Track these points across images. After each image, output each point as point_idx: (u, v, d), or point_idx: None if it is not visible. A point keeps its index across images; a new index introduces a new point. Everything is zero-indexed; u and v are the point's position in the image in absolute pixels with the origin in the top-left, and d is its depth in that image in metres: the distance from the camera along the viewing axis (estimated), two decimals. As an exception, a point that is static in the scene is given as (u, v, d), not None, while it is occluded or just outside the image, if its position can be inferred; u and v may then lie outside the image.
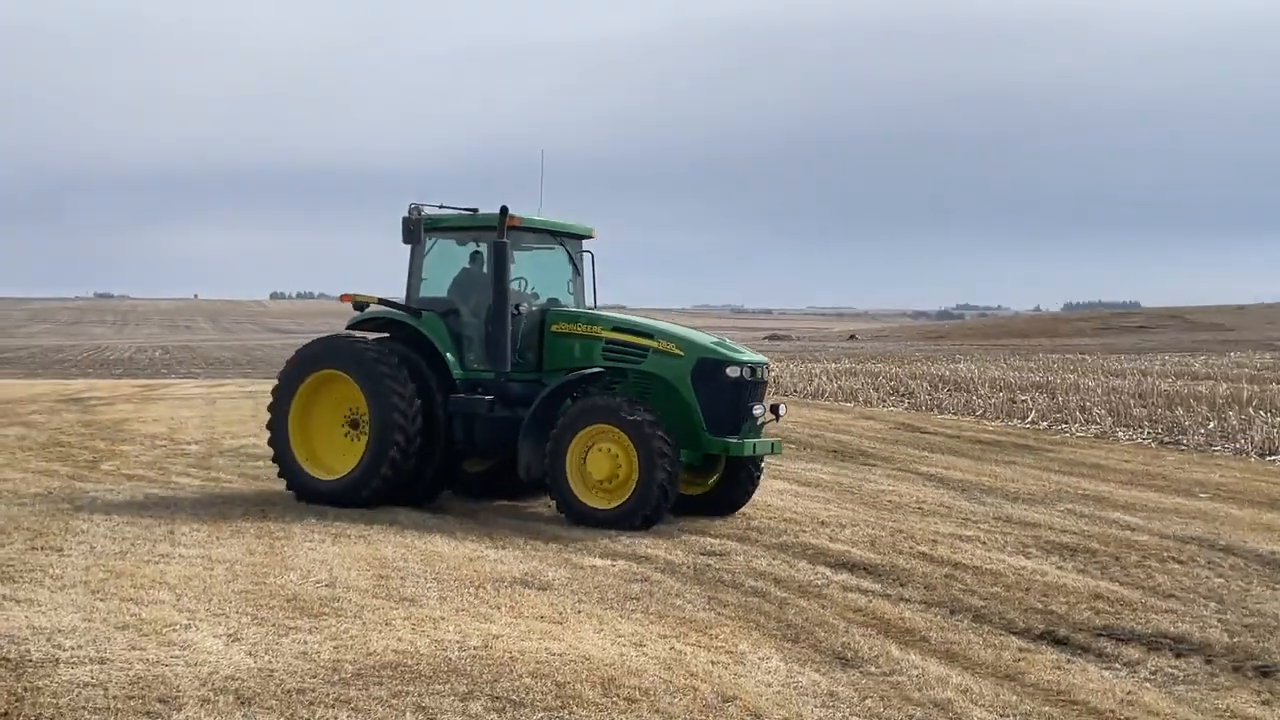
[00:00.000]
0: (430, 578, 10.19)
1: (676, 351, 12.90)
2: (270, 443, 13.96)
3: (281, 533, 12.16)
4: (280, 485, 15.73)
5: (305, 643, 7.99)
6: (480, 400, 13.19)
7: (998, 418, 26.38)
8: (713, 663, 8.00)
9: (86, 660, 7.51)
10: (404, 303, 13.91)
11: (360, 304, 13.93)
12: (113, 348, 74.32)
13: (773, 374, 39.55)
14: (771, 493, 15.32)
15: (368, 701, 6.87)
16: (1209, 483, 16.52)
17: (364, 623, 8.55)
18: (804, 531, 12.69)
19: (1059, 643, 8.78)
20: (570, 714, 6.77)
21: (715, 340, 13.30)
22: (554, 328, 13.62)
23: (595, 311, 14.01)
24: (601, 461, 12.40)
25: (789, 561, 11.34)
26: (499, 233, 13.08)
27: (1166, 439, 21.83)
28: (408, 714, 6.69)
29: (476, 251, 13.99)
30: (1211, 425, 23.39)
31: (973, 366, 43.82)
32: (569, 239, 14.34)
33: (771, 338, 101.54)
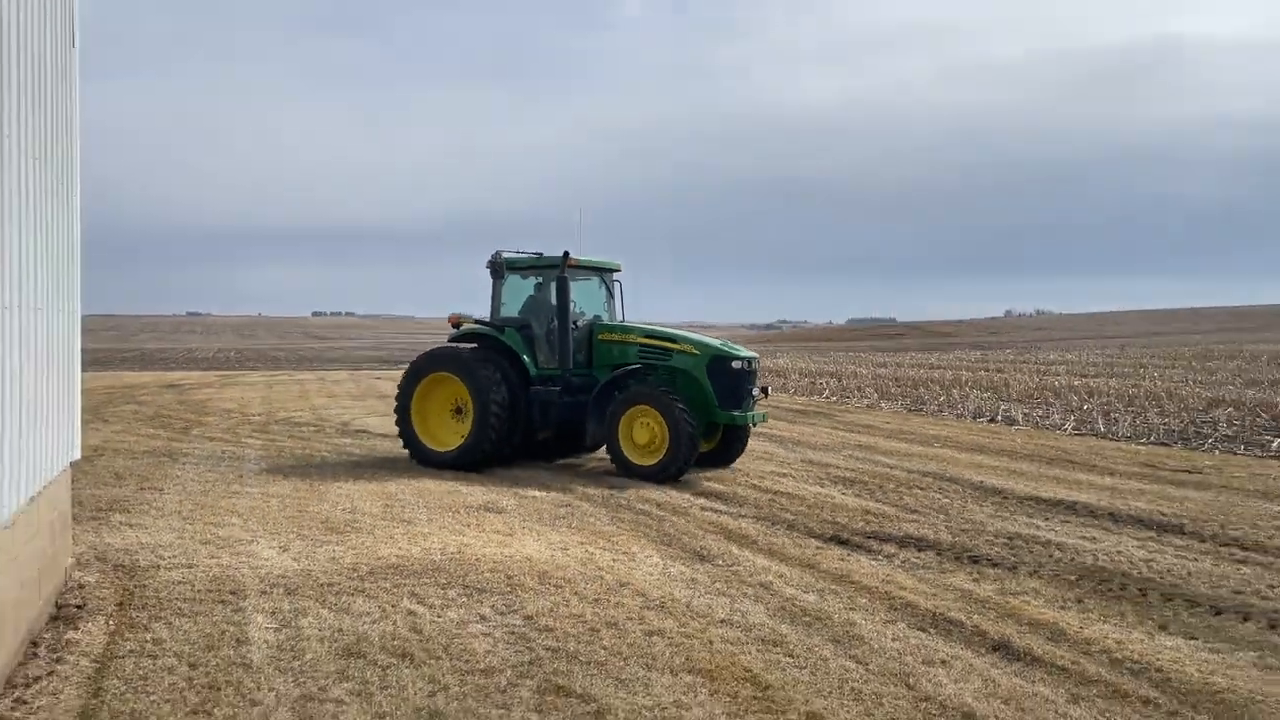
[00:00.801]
0: (422, 506, 10.02)
1: (694, 351, 12.55)
2: (398, 426, 13.21)
3: (318, 475, 11.88)
4: (316, 441, 15.37)
5: (333, 552, 7.83)
6: (553, 390, 12.79)
7: (805, 394, 26.59)
8: (614, 560, 7.96)
9: (178, 565, 7.29)
10: (490, 321, 13.45)
11: (458, 322, 13.59)
12: (200, 349, 72.12)
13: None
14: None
15: (376, 590, 6.75)
16: (940, 436, 16.79)
17: (375, 537, 8.38)
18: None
19: (842, 543, 8.86)
20: (516, 596, 6.71)
21: (720, 342, 12.96)
22: (600, 336, 13.20)
23: (628, 324, 13.53)
24: (643, 432, 12.08)
25: (666, 492, 11.32)
26: (561, 270, 12.87)
27: (913, 408, 22.15)
28: (404, 598, 6.59)
29: (540, 282, 13.53)
30: (941, 398, 23.81)
31: (788, 361, 44.27)
32: (605, 272, 13.91)
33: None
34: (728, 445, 13.07)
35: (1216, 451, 14.47)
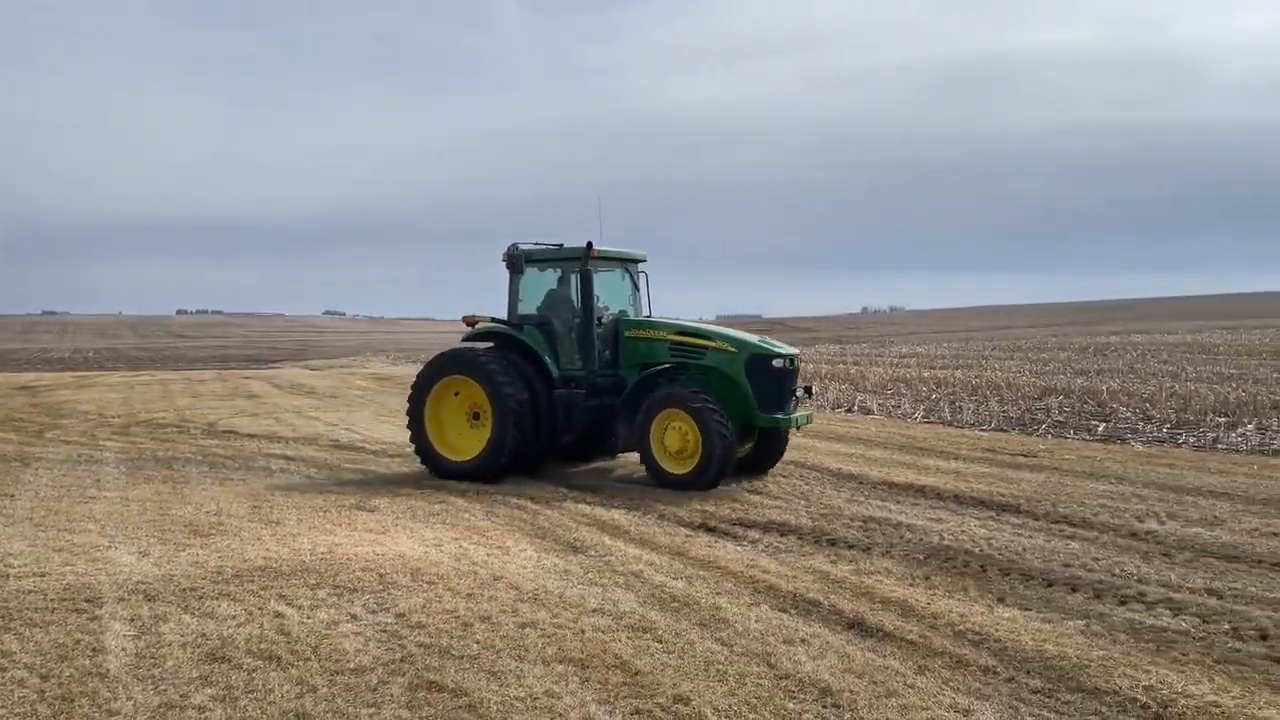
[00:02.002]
0: (291, 506, 9.69)
1: (730, 349, 11.25)
2: (411, 434, 11.98)
3: (181, 479, 11.36)
4: (180, 443, 14.68)
5: (197, 555, 7.48)
6: (577, 394, 11.54)
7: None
8: (488, 554, 7.88)
9: (30, 574, 6.84)
10: (506, 319, 12.13)
11: (473, 322, 12.30)
12: (55, 349, 67.69)
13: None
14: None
15: (242, 593, 6.49)
16: (804, 428, 17.21)
17: (241, 539, 8.06)
18: (548, 468, 12.64)
19: (710, 530, 9.00)
20: (388, 594, 6.57)
21: (758, 338, 11.66)
22: (626, 333, 11.86)
23: (657, 319, 12.18)
24: (675, 437, 10.87)
25: (540, 486, 11.26)
26: (584, 262, 11.57)
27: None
28: (272, 600, 6.36)
29: (561, 276, 12.17)
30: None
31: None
32: (630, 263, 12.51)
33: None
34: (764, 449, 11.83)
35: (1049, 436, 15.33)
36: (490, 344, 12.06)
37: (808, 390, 12.06)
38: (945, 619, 6.29)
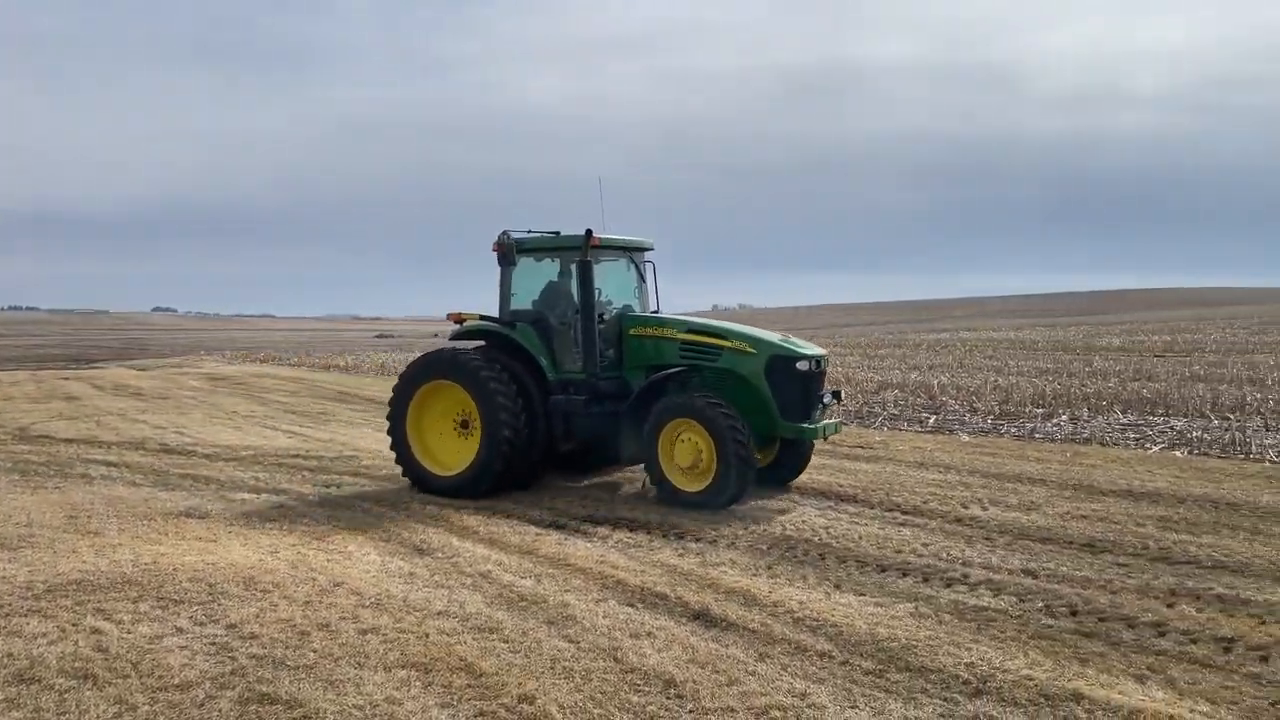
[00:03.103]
0: (112, 515, 9.10)
1: (749, 350, 10.03)
2: (392, 444, 10.92)
3: (-13, 488, 10.49)
4: (-12, 452, 13.60)
5: (4, 570, 6.94)
6: (577, 400, 10.38)
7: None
8: (328, 560, 7.63)
9: None
10: (498, 316, 10.95)
11: (460, 319, 11.07)
12: None
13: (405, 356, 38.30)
14: (375, 441, 14.79)
15: (55, 609, 6.06)
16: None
17: (55, 551, 7.53)
18: (397, 466, 12.33)
19: (560, 528, 8.99)
20: (219, 604, 6.27)
21: (781, 338, 10.40)
22: (631, 331, 10.66)
23: (666, 316, 10.96)
24: (686, 450, 9.69)
25: (385, 487, 10.98)
26: (583, 252, 10.36)
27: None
28: (89, 616, 5.96)
29: (559, 268, 11.00)
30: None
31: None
32: (635, 252, 11.31)
33: (380, 336, 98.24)
34: (785, 460, 10.74)
35: (885, 429, 16.08)
36: (480, 344, 11.04)
37: (836, 395, 10.79)
38: (786, 607, 6.49)
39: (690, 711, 4.87)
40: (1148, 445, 13.52)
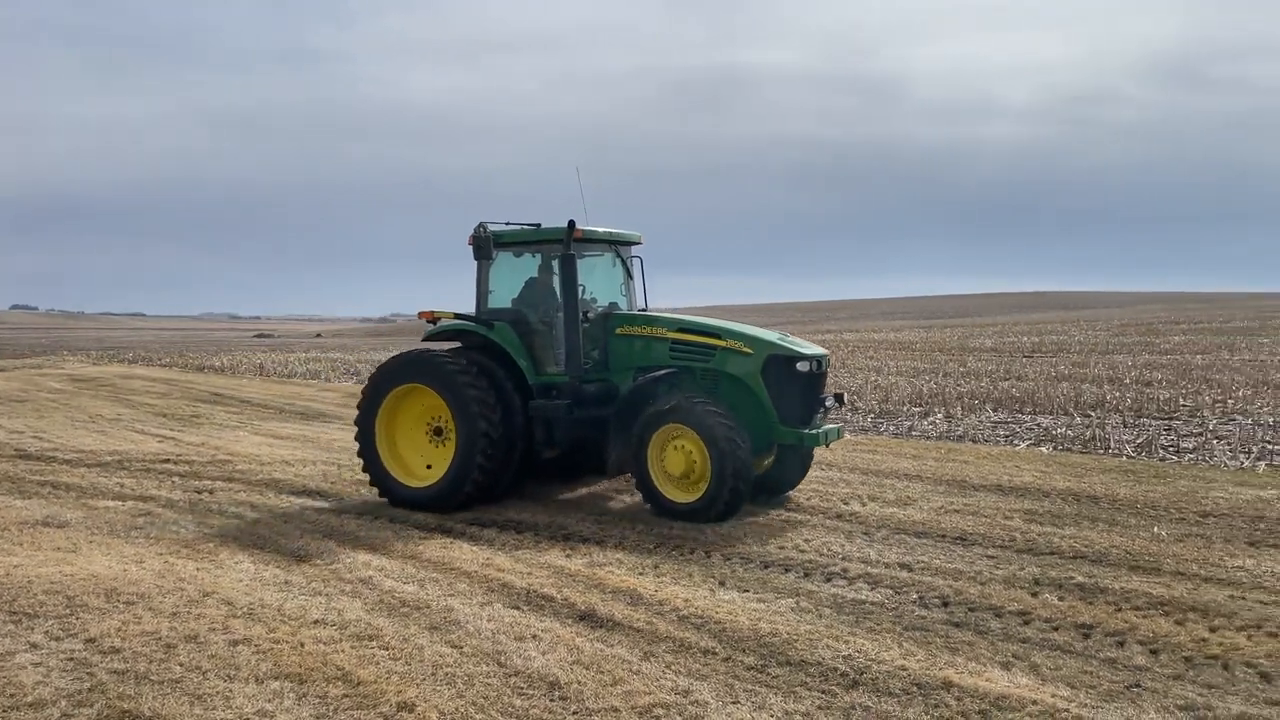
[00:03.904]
0: (-41, 526, 8.53)
1: (744, 350, 9.36)
2: (359, 453, 10.13)
3: None
4: None
5: None
6: (560, 404, 9.63)
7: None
8: (198, 569, 7.32)
9: None
10: (474, 315, 10.18)
11: (433, 318, 10.22)
12: None
13: (315, 358, 37.03)
14: (252, 445, 14.32)
15: (-110, 630, 5.63)
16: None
17: (-108, 567, 6.99)
18: (275, 471, 11.94)
19: (446, 532, 8.84)
20: (77, 618, 5.94)
21: (779, 336, 9.76)
22: (618, 330, 9.97)
23: (655, 314, 10.28)
24: (677, 458, 9.04)
25: (261, 493, 10.60)
26: (565, 245, 9.64)
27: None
28: (-72, 635, 5.56)
29: (540, 262, 10.29)
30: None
31: (400, 354, 43.45)
32: (621, 245, 10.55)
33: (259, 335, 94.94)
34: (785, 468, 9.99)
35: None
36: (455, 344, 10.38)
37: (839, 398, 10.25)
38: (671, 605, 6.53)
39: (574, 713, 4.84)
40: (1016, 442, 14.15)
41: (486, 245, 9.85)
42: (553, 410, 9.71)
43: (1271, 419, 15.29)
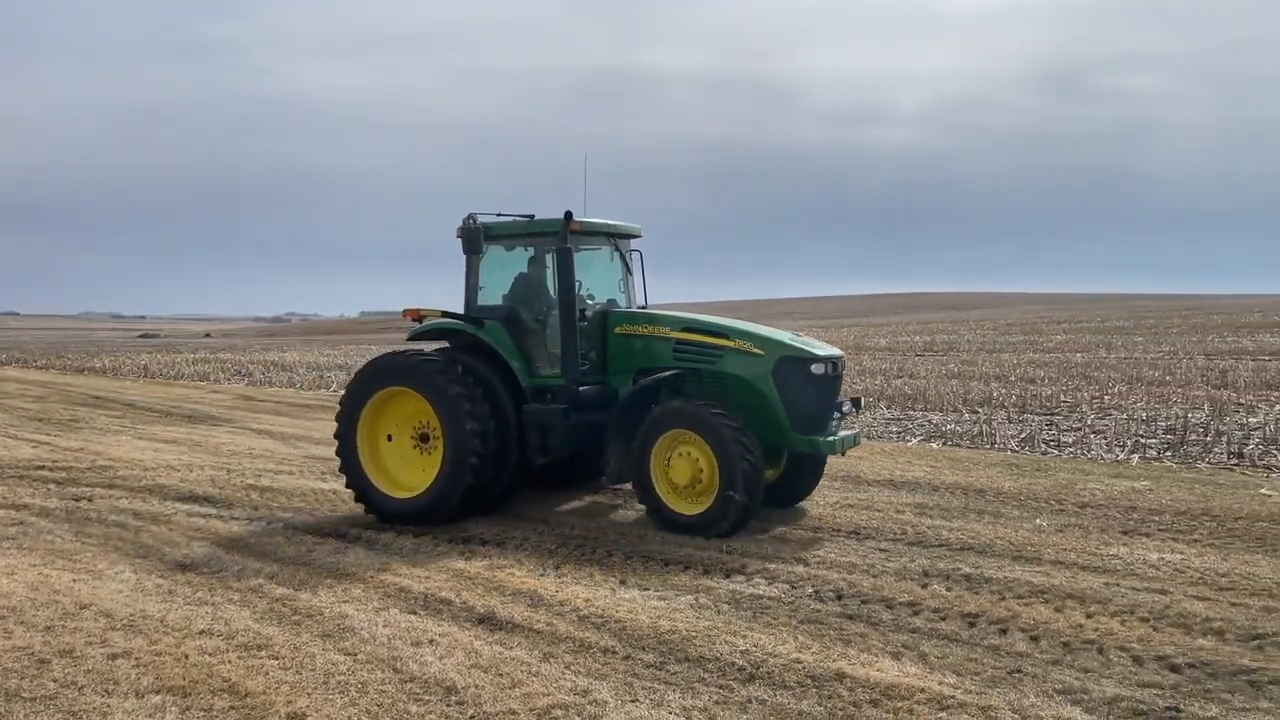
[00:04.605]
0: None
1: (755, 350, 8.74)
2: (341, 466, 9.42)
3: None
4: None
5: None
6: (555, 409, 8.96)
7: (311, 388, 25.61)
8: (74, 580, 6.98)
9: None
10: (463, 313, 9.54)
11: (418, 317, 9.61)
12: None
13: (209, 360, 35.51)
14: (135, 449, 13.73)
15: None
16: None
17: None
18: (159, 476, 11.46)
19: (340, 536, 8.62)
20: (-64, 637, 5.59)
21: (791, 336, 9.14)
22: (617, 330, 9.35)
23: (658, 312, 9.62)
24: (682, 466, 8.47)
25: (144, 499, 10.16)
26: (561, 238, 9.00)
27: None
28: None
29: (532, 256, 9.64)
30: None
31: (295, 355, 42.29)
32: (620, 239, 9.93)
33: (144, 336, 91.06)
34: (794, 476, 9.47)
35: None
36: (442, 345, 9.77)
37: (855, 403, 9.56)
38: (572, 605, 6.52)
39: (471, 717, 4.79)
40: (908, 438, 14.59)
41: (476, 238, 9.24)
42: (548, 415, 9.04)
43: (1144, 414, 16.13)
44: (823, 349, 8.95)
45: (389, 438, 9.41)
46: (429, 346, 9.82)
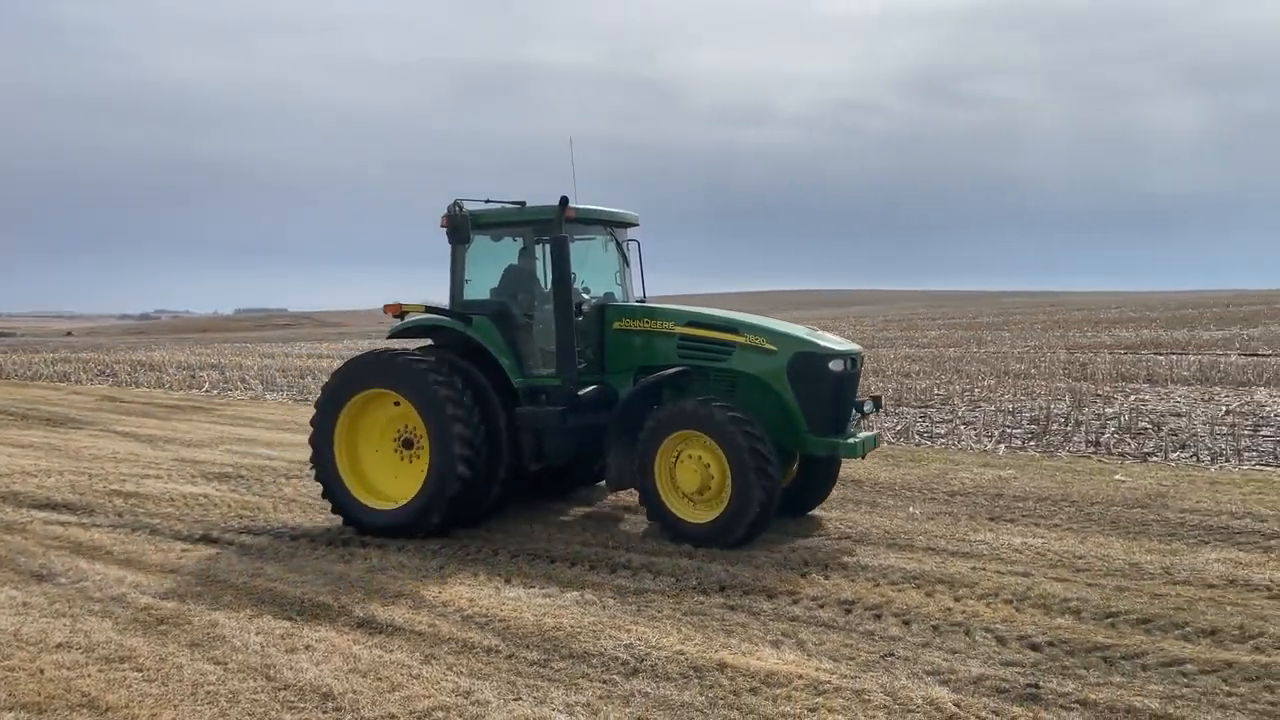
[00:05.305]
0: None
1: (768, 346, 8.16)
2: (316, 475, 8.75)
3: None
4: None
5: None
6: (550, 411, 8.40)
7: (181, 389, 24.52)
8: (-86, 596, 6.51)
9: None
10: (448, 308, 8.90)
11: (400, 313, 8.98)
12: None
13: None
14: (-15, 455, 12.92)
15: None
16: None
17: None
18: (14, 483, 10.81)
19: (212, 541, 8.32)
20: None
21: (807, 331, 8.54)
22: (616, 325, 8.74)
23: (660, 305, 9.05)
24: (690, 471, 7.88)
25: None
26: (557, 225, 8.37)
27: (300, 398, 21.65)
28: None
29: (524, 246, 8.98)
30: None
31: (165, 354, 40.37)
32: (617, 227, 9.27)
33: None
34: (807, 483, 8.90)
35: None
36: (426, 343, 9.18)
37: (875, 402, 8.99)
38: (455, 605, 6.44)
39: (349, 723, 4.68)
40: (791, 432, 14.92)
41: (463, 227, 8.64)
42: (542, 417, 8.49)
43: (1011, 405, 16.92)
44: (841, 344, 8.44)
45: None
46: (412, 344, 9.23)
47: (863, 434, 8.51)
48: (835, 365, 8.15)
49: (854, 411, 8.49)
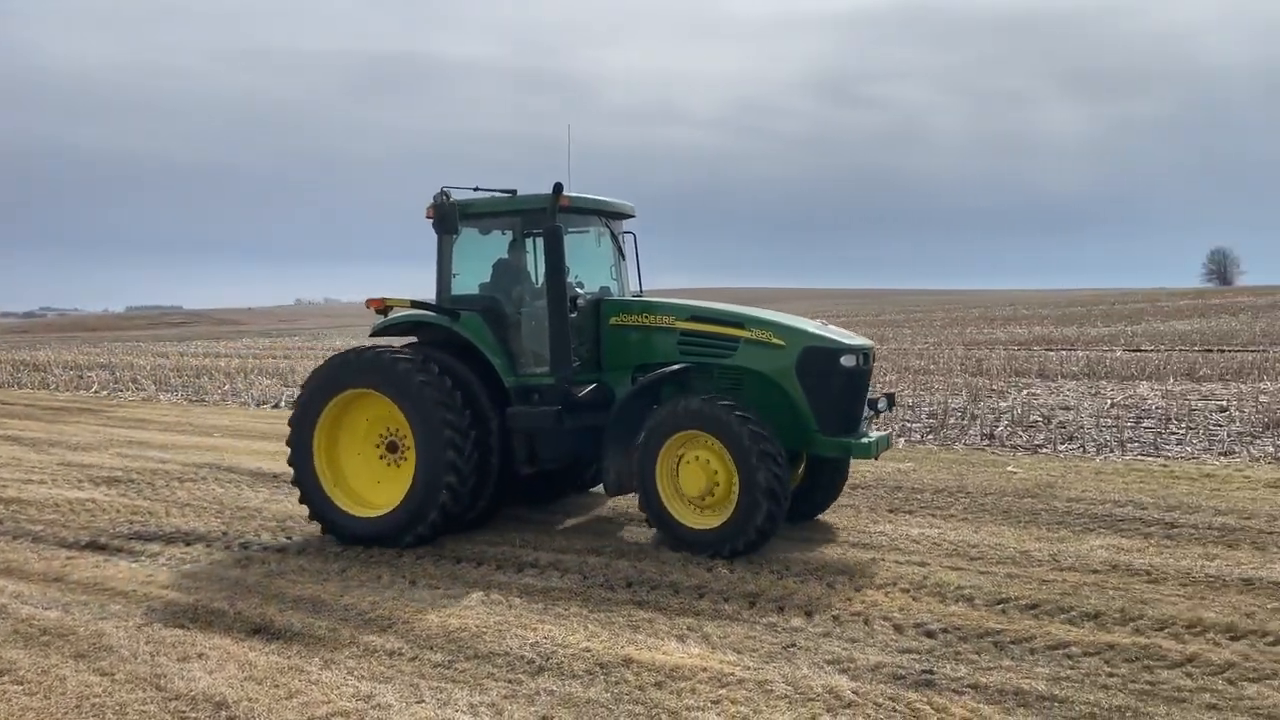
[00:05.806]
0: None
1: (776, 341, 7.72)
2: (294, 480, 8.18)
3: None
4: None
5: None
6: (544, 411, 7.94)
7: (68, 390, 23.43)
8: None
9: None
10: (435, 303, 8.40)
11: (384, 308, 8.42)
12: None
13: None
14: None
15: None
16: (221, 425, 16.15)
17: None
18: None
19: (100, 549, 8.01)
20: None
21: (817, 325, 8.05)
22: (613, 320, 8.29)
23: (659, 300, 8.45)
24: (694, 474, 7.45)
25: None
26: (550, 216, 7.90)
27: (194, 398, 20.94)
28: None
29: (516, 239, 8.52)
30: (225, 387, 22.94)
31: (50, 353, 38.48)
32: (612, 218, 8.76)
33: None
34: (815, 485, 8.53)
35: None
36: (411, 340, 8.70)
37: (889, 399, 8.48)
38: (357, 609, 6.33)
39: (244, 732, 4.55)
40: (699, 428, 15.06)
41: (452, 216, 8.13)
42: (536, 418, 8.07)
43: (911, 400, 17.40)
44: (852, 338, 8.08)
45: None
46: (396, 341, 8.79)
47: (875, 434, 8.18)
48: (847, 360, 7.74)
49: (867, 409, 8.12)
